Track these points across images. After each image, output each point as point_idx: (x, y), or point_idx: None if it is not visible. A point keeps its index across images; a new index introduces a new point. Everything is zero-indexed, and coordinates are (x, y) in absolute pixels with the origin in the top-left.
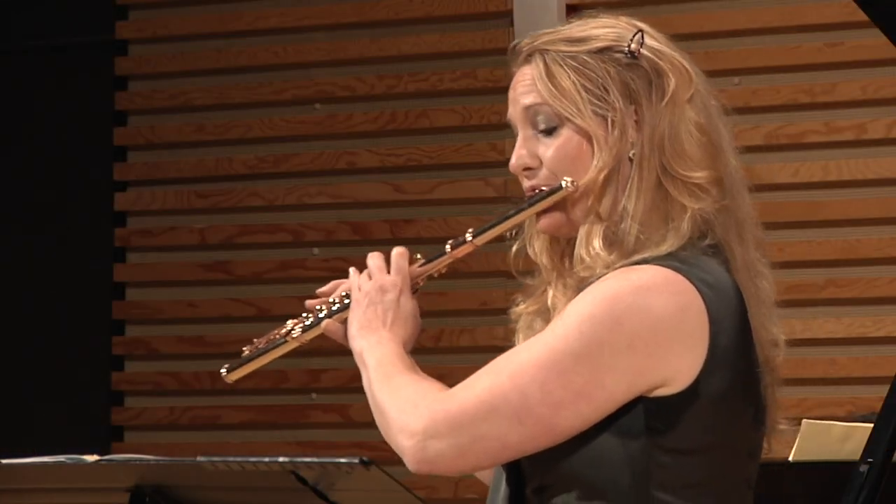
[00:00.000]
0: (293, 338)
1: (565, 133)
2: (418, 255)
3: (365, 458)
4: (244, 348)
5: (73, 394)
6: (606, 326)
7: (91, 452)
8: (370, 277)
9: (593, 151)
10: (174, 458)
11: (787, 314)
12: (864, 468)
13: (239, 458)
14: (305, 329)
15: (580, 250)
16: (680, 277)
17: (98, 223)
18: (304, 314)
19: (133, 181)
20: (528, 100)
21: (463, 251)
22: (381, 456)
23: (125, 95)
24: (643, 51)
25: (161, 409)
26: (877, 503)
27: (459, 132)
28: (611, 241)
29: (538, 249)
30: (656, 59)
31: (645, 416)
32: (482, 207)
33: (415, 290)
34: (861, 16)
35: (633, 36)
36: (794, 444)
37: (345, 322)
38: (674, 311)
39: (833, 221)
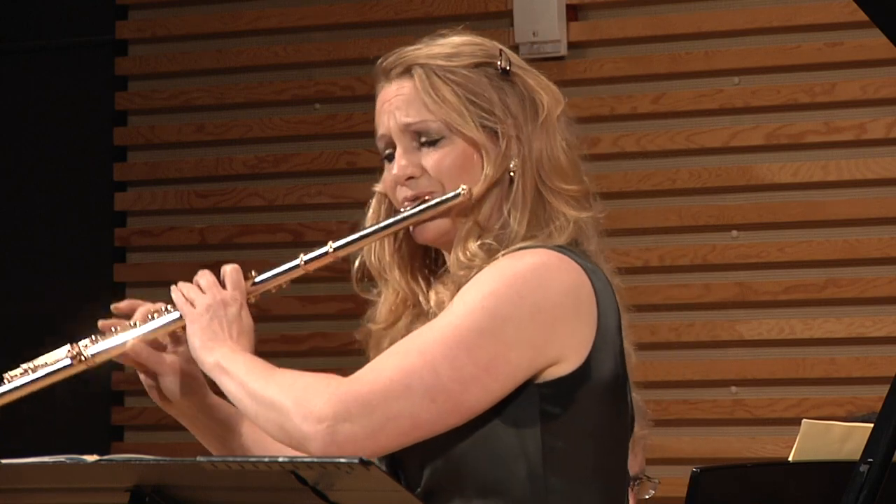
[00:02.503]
0: (82, 360)
1: (452, 143)
2: (252, 272)
3: (365, 458)
4: (16, 371)
5: (73, 394)
6: (510, 301)
7: (91, 452)
8: (204, 292)
9: (481, 162)
10: (174, 458)
11: (787, 314)
12: (864, 468)
13: (239, 458)
14: (102, 352)
15: (457, 253)
16: (569, 259)
17: (98, 223)
18: (94, 336)
19: (133, 181)
20: (408, 116)
21: (319, 263)
22: None
23: (125, 95)
24: (512, 69)
25: (161, 409)
26: (877, 503)
27: None
28: (488, 247)
29: (386, 264)
30: (525, 78)
31: (539, 401)
32: None
33: (248, 305)
34: (861, 16)
35: (501, 54)
36: (794, 444)
37: (151, 342)
38: (569, 287)
39: (833, 221)
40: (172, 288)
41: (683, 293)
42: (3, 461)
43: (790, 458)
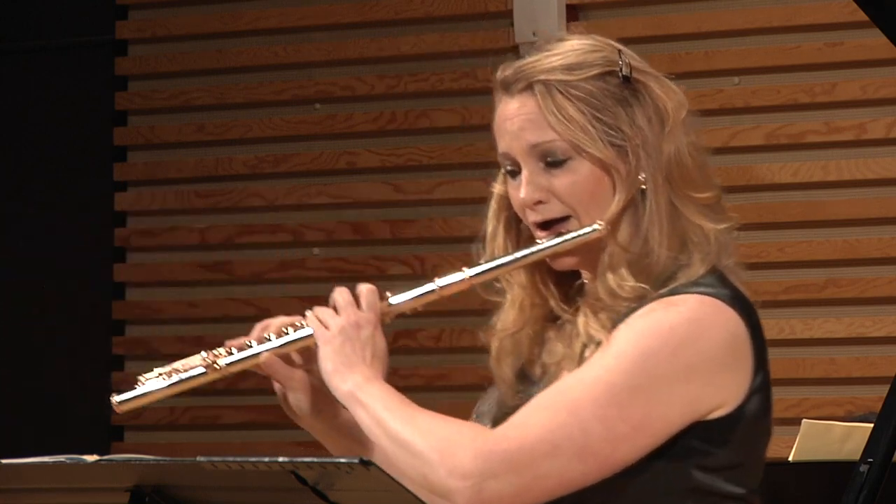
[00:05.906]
0: (216, 369)
1: (581, 165)
2: (388, 293)
3: (365, 458)
4: (146, 376)
5: (74, 393)
6: (663, 358)
7: (91, 452)
8: (338, 313)
9: (612, 183)
10: (174, 458)
11: (787, 314)
12: (864, 468)
13: (239, 458)
14: (236, 361)
15: (606, 279)
16: (722, 304)
17: (98, 223)
18: (228, 348)
19: (133, 181)
20: (533, 136)
21: (455, 289)
22: None
23: (125, 95)
24: (634, 74)
25: (161, 409)
26: (877, 503)
27: (459, 132)
28: (638, 270)
29: (516, 271)
30: (648, 83)
31: (692, 438)
32: (482, 207)
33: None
34: (861, 16)
35: (620, 57)
36: (794, 444)
37: (283, 357)
38: (724, 338)
39: (833, 221)
40: (307, 312)
41: None
42: (3, 461)
43: (790, 458)
